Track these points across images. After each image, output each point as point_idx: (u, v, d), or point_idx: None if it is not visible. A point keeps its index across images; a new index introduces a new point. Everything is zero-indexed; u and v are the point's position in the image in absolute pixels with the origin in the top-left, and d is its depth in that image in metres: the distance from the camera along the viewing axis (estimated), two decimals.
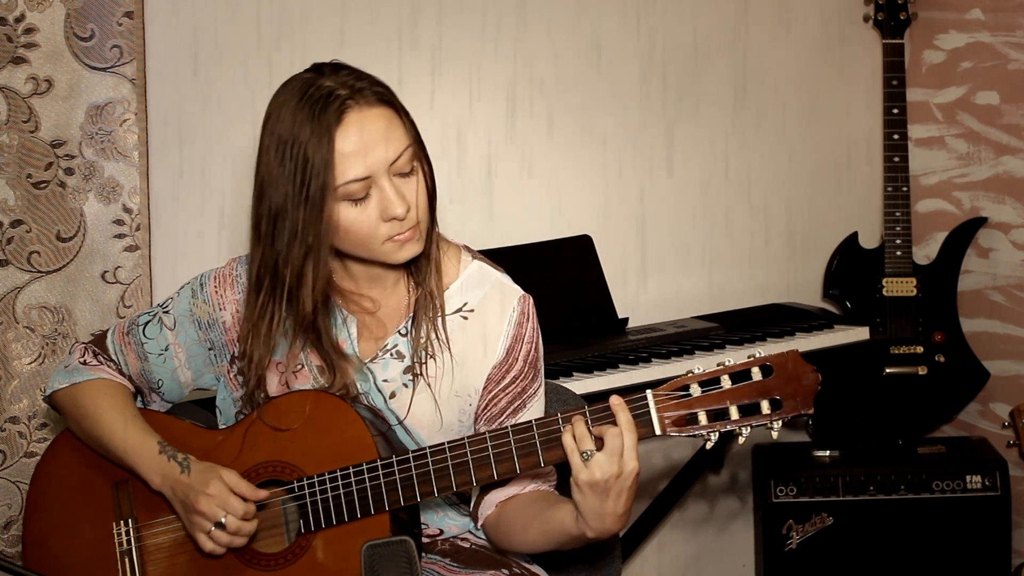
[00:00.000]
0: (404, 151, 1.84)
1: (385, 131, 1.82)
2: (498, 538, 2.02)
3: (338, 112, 1.80)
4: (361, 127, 1.81)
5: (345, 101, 1.80)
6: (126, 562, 1.97)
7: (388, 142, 1.82)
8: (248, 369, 1.95)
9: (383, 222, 1.84)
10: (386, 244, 1.86)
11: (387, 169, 1.83)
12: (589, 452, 1.76)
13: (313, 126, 1.79)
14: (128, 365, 2.05)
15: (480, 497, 2.02)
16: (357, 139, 1.80)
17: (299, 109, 1.81)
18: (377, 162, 1.82)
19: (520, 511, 1.97)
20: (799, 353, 1.80)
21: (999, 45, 3.37)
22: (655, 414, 1.79)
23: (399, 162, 1.83)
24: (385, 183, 1.83)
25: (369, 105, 1.82)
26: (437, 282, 1.97)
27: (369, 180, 1.82)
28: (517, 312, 1.99)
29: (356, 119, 1.81)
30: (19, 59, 2.46)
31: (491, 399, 1.99)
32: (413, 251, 1.89)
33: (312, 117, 1.79)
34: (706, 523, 3.47)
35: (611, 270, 3.07)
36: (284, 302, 1.89)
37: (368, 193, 1.83)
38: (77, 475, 2.03)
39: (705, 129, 3.31)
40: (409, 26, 2.91)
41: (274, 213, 1.84)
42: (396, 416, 1.97)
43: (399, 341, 1.98)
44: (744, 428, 1.79)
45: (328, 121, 1.79)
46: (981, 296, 3.45)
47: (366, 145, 1.81)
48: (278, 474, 1.93)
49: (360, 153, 1.80)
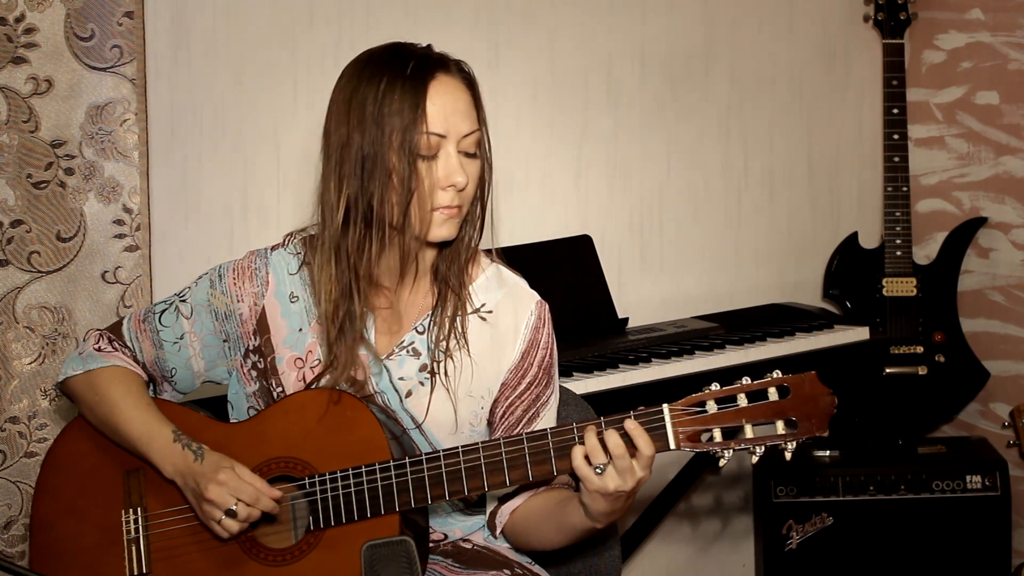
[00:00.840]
0: (475, 131, 1.90)
1: (467, 105, 1.90)
2: (517, 541, 2.06)
3: (432, 69, 1.87)
4: (450, 91, 1.88)
5: (438, 64, 1.89)
6: (133, 550, 1.97)
7: (467, 116, 1.89)
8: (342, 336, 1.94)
9: (440, 189, 1.88)
10: (435, 212, 1.89)
11: (459, 139, 1.88)
12: (602, 467, 1.79)
13: (407, 78, 1.86)
14: (143, 352, 2.06)
15: (496, 508, 2.04)
16: (444, 100, 1.87)
17: (390, 64, 1.88)
18: (455, 127, 1.87)
19: (532, 514, 2.00)
20: (816, 375, 1.81)
21: (999, 45, 3.37)
22: (670, 428, 1.81)
23: (469, 139, 1.89)
24: (453, 150, 1.88)
25: (458, 78, 1.90)
26: (466, 280, 2.00)
27: (442, 141, 1.87)
28: (534, 316, 2.01)
29: (446, 82, 1.88)
30: (19, 59, 2.46)
31: (508, 407, 2.00)
32: (450, 232, 1.91)
33: (406, 70, 1.86)
34: (706, 523, 3.47)
35: (611, 270, 3.07)
36: (377, 240, 1.91)
37: (436, 155, 1.88)
38: (88, 461, 2.04)
39: (705, 129, 3.32)
40: (410, 27, 2.91)
41: (362, 158, 1.87)
42: (413, 418, 1.98)
43: (416, 338, 1.99)
44: (758, 447, 1.80)
45: (423, 75, 1.86)
46: (981, 296, 3.45)
47: (450, 108, 1.87)
48: (290, 470, 1.93)
49: (443, 112, 1.86)
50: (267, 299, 2.01)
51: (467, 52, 2.97)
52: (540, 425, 2.00)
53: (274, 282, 2.01)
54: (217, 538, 1.93)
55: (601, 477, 1.79)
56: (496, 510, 2.04)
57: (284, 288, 2.01)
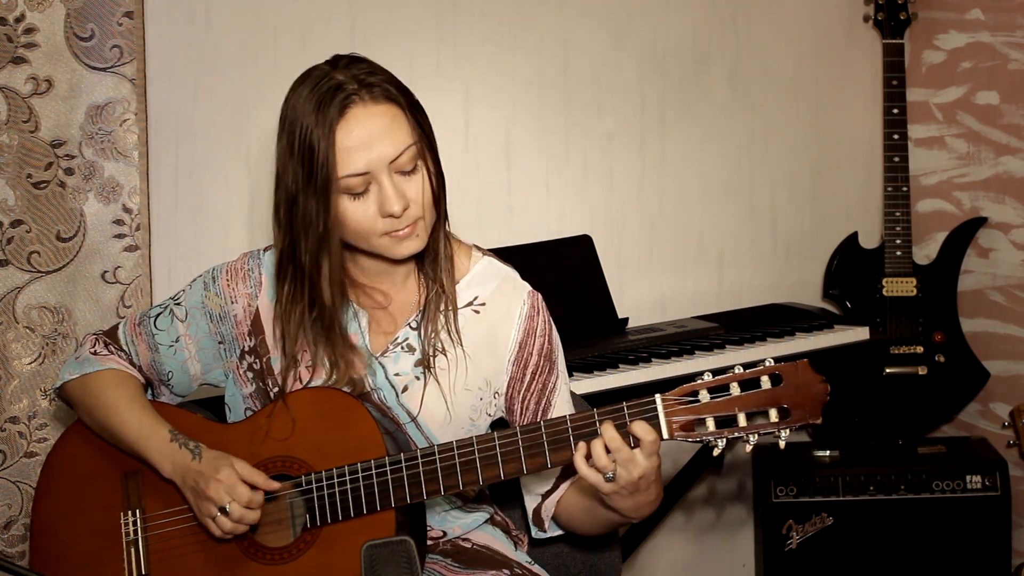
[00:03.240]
0: (406, 149, 1.85)
1: (387, 128, 1.84)
2: (567, 529, 2.06)
3: (341, 106, 1.82)
4: (362, 123, 1.83)
5: (350, 96, 1.82)
6: (132, 552, 1.98)
7: (389, 140, 1.84)
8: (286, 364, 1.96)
9: (380, 218, 1.86)
10: (383, 239, 1.88)
11: (387, 166, 1.84)
12: (612, 474, 1.79)
13: (318, 117, 1.81)
14: (139, 356, 2.06)
15: (539, 504, 2.04)
16: (358, 134, 1.82)
17: (309, 99, 1.83)
18: (377, 158, 1.83)
19: (573, 507, 2.01)
20: (809, 363, 1.82)
21: (999, 45, 3.37)
22: (663, 418, 1.81)
23: (400, 160, 1.85)
24: (385, 179, 1.84)
25: (375, 101, 1.84)
26: (449, 277, 1.98)
27: (368, 176, 1.84)
28: (527, 306, 2.01)
29: (359, 114, 1.83)
30: (19, 59, 2.46)
31: (523, 403, 2.01)
32: (412, 248, 1.90)
33: (318, 108, 1.82)
34: (706, 523, 3.47)
35: (611, 270, 3.07)
36: (306, 292, 1.91)
37: (367, 188, 1.85)
38: (87, 464, 2.05)
39: (705, 129, 3.32)
40: (410, 27, 2.91)
41: (289, 200, 1.87)
42: (408, 412, 1.98)
43: (409, 334, 1.99)
44: (751, 436, 1.80)
45: (332, 114, 1.81)
46: (981, 296, 3.45)
47: (367, 141, 1.82)
48: (287, 469, 1.94)
49: (360, 148, 1.82)
50: (261, 300, 2.02)
51: (467, 52, 3.01)
52: (555, 412, 2.00)
53: (267, 283, 2.02)
54: (213, 537, 1.93)
55: (612, 483, 1.80)
56: (539, 506, 2.04)
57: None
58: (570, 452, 1.83)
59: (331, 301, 1.92)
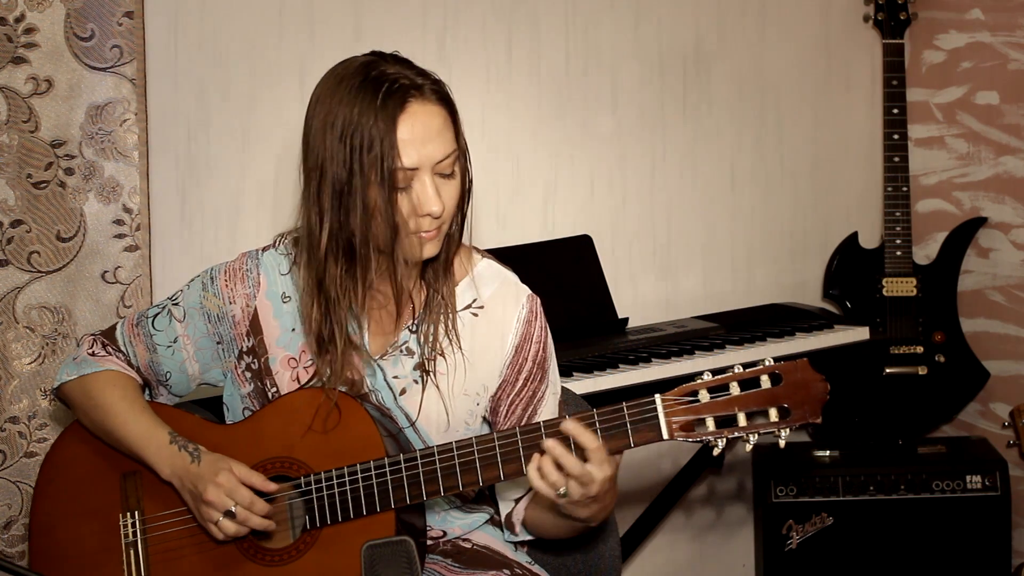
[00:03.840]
0: (451, 154, 1.87)
1: (440, 129, 1.85)
2: (535, 534, 2.06)
3: (402, 99, 1.82)
4: (420, 119, 1.83)
5: (410, 90, 1.83)
6: (131, 554, 1.97)
7: (440, 140, 1.85)
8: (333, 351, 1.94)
9: (415, 216, 1.86)
10: (411, 237, 1.88)
11: (433, 166, 1.85)
12: (564, 489, 1.79)
13: (377, 109, 1.81)
14: (137, 356, 2.06)
15: (512, 508, 2.05)
16: (415, 130, 1.83)
17: (363, 89, 1.83)
18: (427, 156, 1.84)
19: (535, 515, 2.01)
20: (808, 362, 1.82)
21: (999, 45, 3.37)
22: (663, 418, 1.81)
23: (444, 162, 1.86)
24: (427, 178, 1.85)
25: (430, 100, 1.85)
26: (447, 281, 1.99)
27: (415, 172, 1.84)
28: (525, 310, 2.01)
29: (417, 110, 1.83)
30: (19, 59, 2.46)
31: (509, 407, 2.01)
32: (431, 251, 1.91)
33: (376, 99, 1.81)
34: (706, 523, 3.47)
35: (611, 270, 3.07)
36: (359, 277, 1.90)
37: (409, 184, 1.85)
38: (86, 465, 2.04)
39: (705, 129, 3.31)
40: (411, 27, 2.91)
41: (338, 188, 1.85)
42: (407, 416, 1.98)
43: (409, 338, 1.99)
44: (751, 435, 1.80)
45: (393, 106, 1.81)
46: (981, 296, 3.45)
47: (421, 137, 1.83)
48: (286, 470, 1.93)
49: (414, 144, 1.83)
50: (259, 300, 2.01)
51: (468, 52, 3.01)
52: (540, 420, 1.99)
53: (266, 283, 2.02)
54: (214, 540, 1.93)
55: (567, 496, 1.80)
56: (512, 511, 2.05)
57: (276, 288, 2.02)
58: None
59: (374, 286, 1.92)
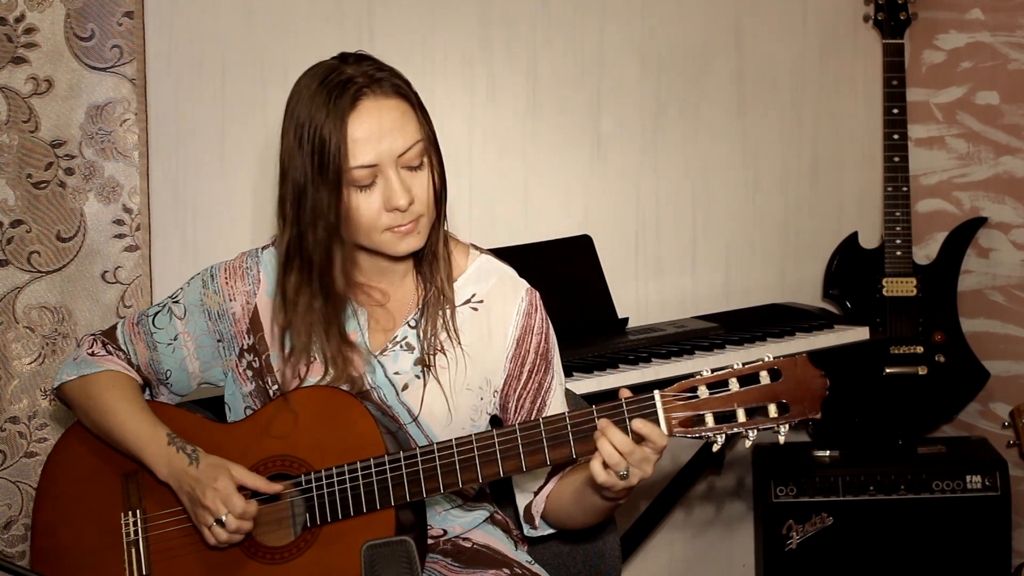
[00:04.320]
0: (414, 145, 1.87)
1: (398, 122, 1.86)
2: (555, 524, 2.06)
3: (353, 98, 1.83)
4: (373, 115, 1.84)
5: (361, 88, 1.84)
6: (132, 553, 1.98)
7: (399, 133, 1.85)
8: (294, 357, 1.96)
9: (385, 212, 1.87)
10: (385, 234, 1.89)
11: (395, 160, 1.86)
12: (626, 471, 1.79)
13: (329, 109, 1.83)
14: (137, 355, 2.06)
15: (530, 501, 2.05)
16: (369, 126, 1.83)
17: (318, 92, 1.85)
18: (386, 152, 1.85)
19: (563, 498, 2.01)
20: (807, 358, 1.82)
21: (999, 45, 3.37)
22: (662, 415, 1.81)
23: (408, 155, 1.86)
24: (391, 173, 1.86)
25: (385, 95, 1.86)
26: (447, 275, 1.99)
27: (376, 168, 1.85)
28: (525, 303, 2.02)
29: (370, 107, 1.84)
30: (19, 59, 2.46)
31: (518, 402, 2.01)
32: (413, 245, 1.91)
33: (328, 101, 1.83)
34: (706, 523, 3.47)
35: (611, 270, 3.07)
36: (316, 282, 1.91)
37: (374, 181, 1.86)
38: (87, 465, 2.04)
39: (705, 129, 3.31)
40: (411, 27, 2.91)
41: (296, 193, 1.87)
42: (409, 411, 1.98)
43: (408, 333, 1.99)
44: (751, 431, 1.80)
45: (343, 105, 1.83)
46: (981, 296, 3.45)
47: (377, 134, 1.84)
48: (286, 468, 1.93)
49: (370, 141, 1.83)
50: (259, 297, 2.02)
51: (467, 52, 3.01)
52: (549, 413, 2.00)
53: (266, 281, 2.02)
54: (206, 544, 1.93)
55: (626, 479, 1.80)
56: (531, 502, 2.05)
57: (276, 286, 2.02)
58: (569, 450, 1.83)
59: (342, 290, 1.93)
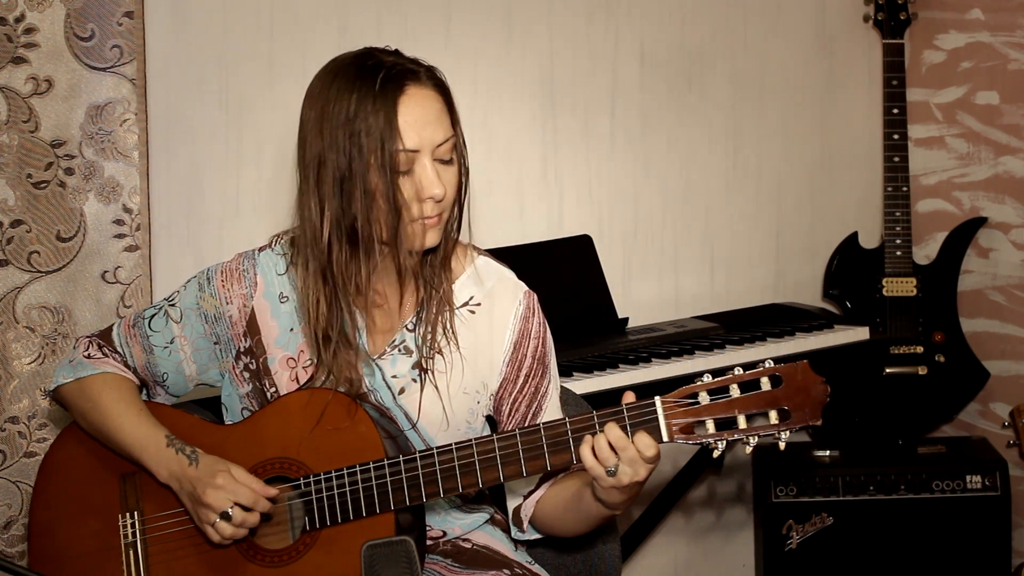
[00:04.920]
0: (450, 139, 1.88)
1: (439, 113, 1.87)
2: (544, 530, 2.06)
3: (400, 83, 1.84)
4: (419, 102, 1.85)
5: (406, 74, 1.85)
6: (130, 554, 1.97)
7: (439, 124, 1.87)
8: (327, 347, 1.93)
9: (418, 201, 1.87)
10: (414, 224, 1.88)
11: (432, 150, 1.86)
12: (614, 468, 1.79)
13: (376, 94, 1.82)
14: (133, 357, 2.05)
15: (519, 503, 2.05)
16: (415, 113, 1.84)
17: (359, 78, 1.84)
18: (427, 139, 1.85)
19: (556, 504, 2.00)
20: (809, 364, 1.82)
21: (999, 45, 3.37)
22: (663, 421, 1.81)
23: (444, 147, 1.87)
24: (428, 162, 1.86)
25: (427, 86, 1.87)
26: (445, 279, 1.98)
27: (415, 155, 1.85)
28: (523, 306, 2.01)
29: (415, 94, 1.85)
30: (19, 59, 2.46)
31: (512, 405, 2.01)
32: (433, 239, 1.91)
33: (375, 85, 1.83)
34: (706, 523, 3.47)
35: (611, 270, 3.07)
36: (366, 260, 1.89)
37: (411, 169, 1.86)
38: (84, 466, 2.04)
39: (705, 129, 3.32)
40: (411, 27, 2.91)
41: (339, 177, 1.85)
42: (407, 415, 1.98)
43: (407, 336, 1.99)
44: (751, 437, 1.80)
45: (392, 89, 1.83)
46: (981, 296, 3.45)
47: (421, 120, 1.84)
48: (285, 471, 1.93)
49: (414, 126, 1.84)
50: (256, 300, 2.01)
51: (467, 52, 3.01)
52: (545, 418, 2.00)
53: (263, 283, 2.01)
54: (210, 542, 1.92)
55: (616, 477, 1.80)
56: (520, 505, 2.04)
57: (273, 289, 2.01)
58: (570, 455, 1.83)
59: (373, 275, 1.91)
